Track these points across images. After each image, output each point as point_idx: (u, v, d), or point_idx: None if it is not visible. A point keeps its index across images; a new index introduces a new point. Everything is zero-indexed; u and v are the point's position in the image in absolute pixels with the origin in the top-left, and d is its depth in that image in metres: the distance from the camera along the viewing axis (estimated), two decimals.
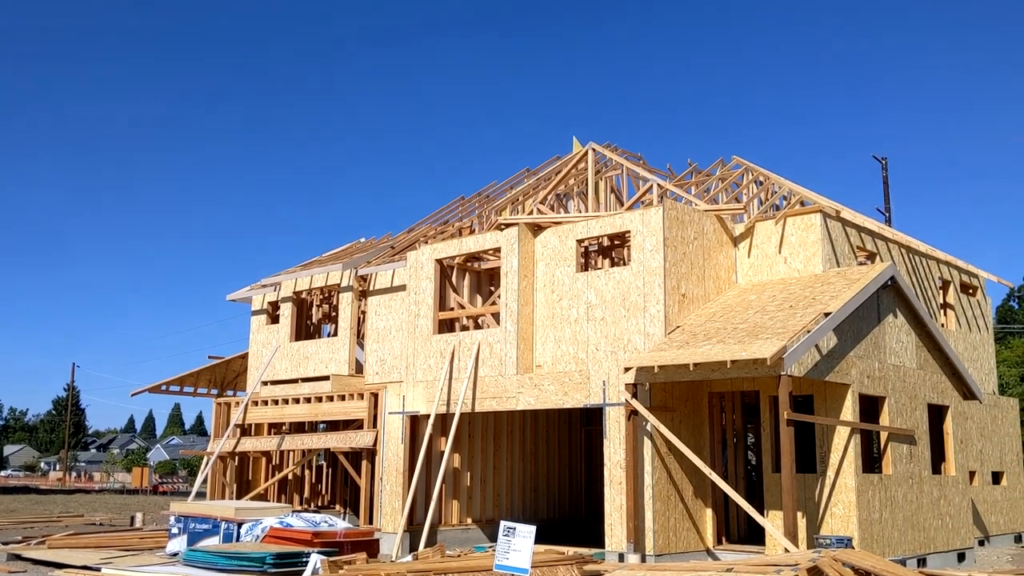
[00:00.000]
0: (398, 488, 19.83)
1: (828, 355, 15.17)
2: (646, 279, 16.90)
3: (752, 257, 18.55)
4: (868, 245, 19.14)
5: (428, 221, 23.86)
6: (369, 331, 21.68)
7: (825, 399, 15.79)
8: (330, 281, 22.50)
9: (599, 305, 17.52)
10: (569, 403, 17.52)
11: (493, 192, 23.84)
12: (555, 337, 18.13)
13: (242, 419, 23.25)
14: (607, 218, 18.02)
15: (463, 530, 20.62)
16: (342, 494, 24.71)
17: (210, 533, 16.81)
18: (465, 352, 19.25)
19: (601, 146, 21.65)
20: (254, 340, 24.35)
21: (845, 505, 15.19)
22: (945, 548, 17.49)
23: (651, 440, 16.09)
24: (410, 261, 20.66)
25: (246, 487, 24.33)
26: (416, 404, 19.96)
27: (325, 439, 21.94)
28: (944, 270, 22.23)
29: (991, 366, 24.13)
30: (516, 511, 22.15)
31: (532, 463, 23.14)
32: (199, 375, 27.23)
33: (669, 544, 16.04)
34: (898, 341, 17.29)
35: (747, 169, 21.56)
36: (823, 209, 17.88)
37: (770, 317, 15.57)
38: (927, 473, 17.38)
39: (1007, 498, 22.96)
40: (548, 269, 18.57)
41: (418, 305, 20.32)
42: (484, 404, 18.78)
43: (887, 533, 15.79)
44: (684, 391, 16.93)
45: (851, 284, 16.02)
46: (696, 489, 16.81)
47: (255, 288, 24.59)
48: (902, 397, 16.96)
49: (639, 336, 16.78)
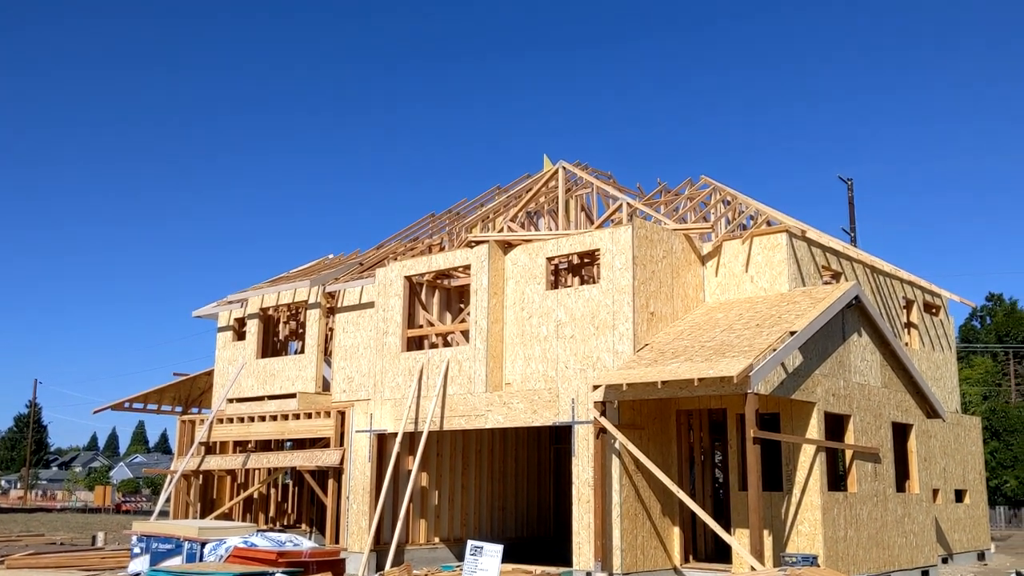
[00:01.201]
0: (365, 507, 19.67)
1: (794, 373, 15.30)
2: (615, 297, 16.97)
3: (719, 276, 18.69)
4: (833, 264, 19.37)
5: (397, 238, 23.81)
6: (337, 348, 21.55)
7: (791, 417, 15.91)
8: (297, 298, 22.35)
9: (569, 323, 17.55)
10: (538, 421, 17.50)
11: (463, 209, 23.86)
12: (525, 355, 18.13)
13: (207, 437, 22.98)
14: (577, 236, 18.09)
15: (430, 549, 20.48)
16: (308, 513, 24.47)
17: (173, 553, 16.55)
18: (434, 370, 19.18)
19: (571, 164, 21.77)
20: (220, 357, 24.12)
21: (811, 523, 15.28)
22: (909, 566, 17.64)
23: (619, 458, 16.10)
24: (379, 278, 20.59)
25: (210, 506, 24.01)
26: (384, 422, 19.84)
27: (291, 457, 21.72)
28: (908, 290, 22.53)
29: (954, 385, 24.46)
30: (484, 530, 22.04)
31: (500, 481, 23.06)
32: (164, 392, 26.90)
33: (636, 562, 16.03)
34: (863, 360, 17.48)
35: (715, 189, 21.77)
36: (789, 229, 18.08)
37: (737, 335, 15.68)
38: (891, 491, 17.54)
39: (970, 516, 23.22)
40: (518, 287, 18.58)
41: (386, 322, 20.23)
42: (453, 422, 18.71)
43: (852, 551, 15.89)
44: (652, 409, 16.98)
45: (816, 303, 16.18)
46: (664, 507, 16.83)
47: (221, 304, 24.38)
48: (867, 415, 17.12)
49: (608, 354, 16.82)
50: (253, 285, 24.49)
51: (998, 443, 44.40)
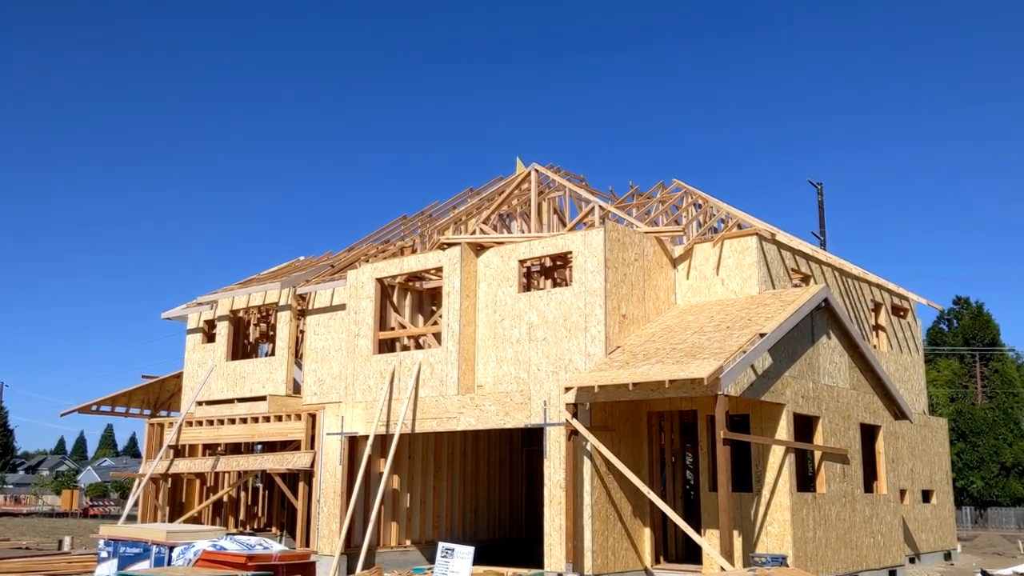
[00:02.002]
0: (336, 510, 19.58)
1: (764, 375, 15.42)
2: (587, 300, 17.02)
3: (691, 278, 18.80)
4: (803, 267, 19.55)
5: (369, 240, 23.75)
6: (308, 351, 21.44)
7: (761, 419, 16.03)
8: (268, 300, 22.21)
9: (541, 325, 17.58)
10: (510, 423, 17.51)
11: (436, 212, 23.83)
12: (497, 357, 18.13)
13: (176, 440, 22.77)
14: (549, 239, 18.13)
15: (402, 552, 20.42)
16: (279, 516, 24.32)
17: (141, 557, 16.37)
18: (406, 372, 19.14)
19: (544, 167, 21.81)
20: (189, 359, 23.91)
21: (780, 523, 15.40)
22: (877, 566, 17.82)
23: (591, 460, 16.15)
24: (350, 280, 20.52)
25: (179, 510, 23.79)
26: (355, 425, 19.77)
27: (261, 460, 21.57)
28: (876, 293, 22.79)
29: (921, 387, 24.76)
30: (456, 532, 22.01)
31: (472, 484, 23.04)
32: (132, 395, 26.62)
33: (608, 563, 16.08)
34: (831, 362, 17.65)
35: (686, 192, 21.90)
36: (759, 232, 18.23)
37: (707, 338, 15.78)
38: (859, 492, 17.72)
39: (936, 516, 23.51)
40: (490, 289, 18.59)
41: (358, 325, 20.16)
42: (424, 425, 18.68)
43: (821, 551, 16.04)
44: (624, 411, 17.04)
45: (786, 306, 16.33)
46: (635, 508, 16.90)
47: (191, 306, 24.17)
48: (835, 417, 17.29)
49: (580, 356, 16.86)
50: (223, 287, 24.31)
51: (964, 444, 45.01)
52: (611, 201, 22.28)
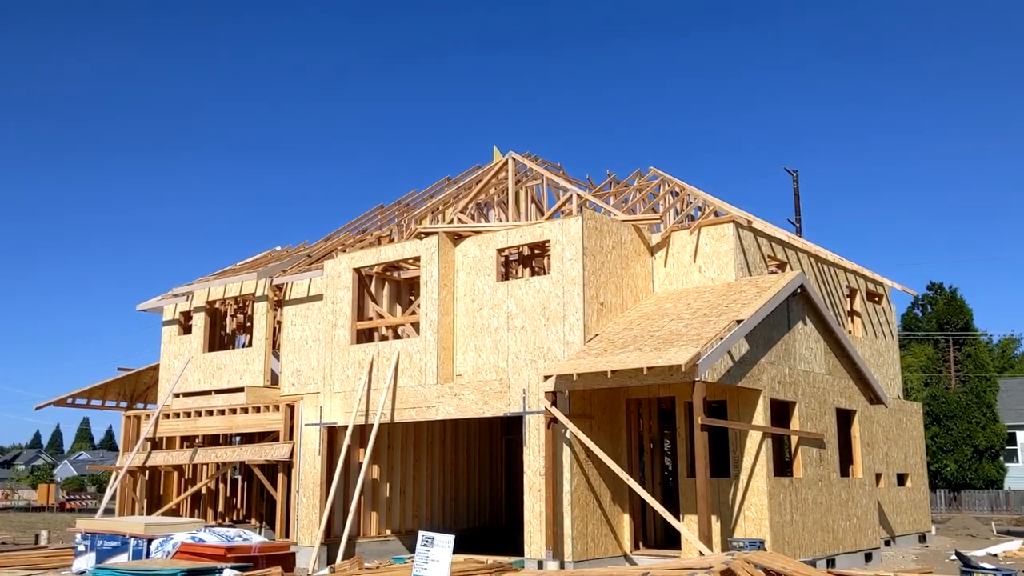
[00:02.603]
0: (315, 500, 19.55)
1: (740, 361, 15.53)
2: (565, 288, 17.05)
3: (668, 266, 18.88)
4: (779, 254, 19.68)
5: (346, 230, 23.64)
6: (285, 342, 21.35)
7: (738, 404, 16.15)
8: (244, 290, 22.08)
9: (519, 314, 17.60)
10: (489, 412, 17.53)
11: (413, 201, 23.76)
12: (475, 346, 18.14)
13: (153, 432, 22.63)
14: (527, 227, 18.14)
15: (382, 542, 20.43)
16: (258, 508, 24.25)
17: (119, 550, 16.30)
18: (384, 362, 19.11)
19: (521, 156, 21.79)
20: (166, 351, 23.75)
21: (758, 508, 15.54)
22: (853, 548, 18.04)
23: (570, 447, 16.21)
24: (327, 270, 20.44)
25: (157, 502, 23.66)
26: (334, 415, 19.72)
27: (240, 452, 21.49)
28: (851, 279, 22.98)
29: (896, 371, 25.02)
30: (436, 521, 22.04)
31: (452, 473, 23.07)
32: (108, 387, 26.41)
33: (587, 550, 16.16)
34: (807, 348, 17.80)
35: (664, 180, 21.96)
36: (736, 219, 18.32)
37: (685, 325, 15.87)
38: (836, 476, 17.90)
39: (911, 499, 23.80)
40: (468, 278, 18.58)
41: (335, 315, 20.10)
42: (404, 414, 18.67)
43: (798, 535, 16.20)
44: (602, 398, 17.11)
45: (762, 292, 16.43)
46: (614, 495, 16.99)
47: (167, 297, 23.99)
48: (812, 402, 17.45)
49: (559, 345, 16.90)
50: (199, 278, 24.15)
51: (939, 428, 45.54)
52: (589, 189, 22.29)
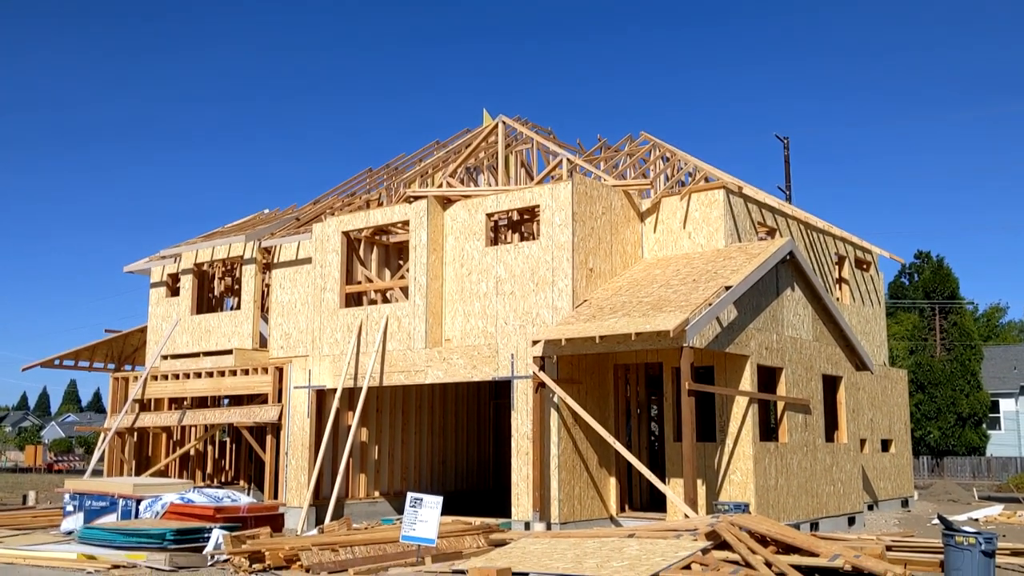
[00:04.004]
0: (304, 463, 19.63)
1: (728, 327, 15.59)
2: (555, 253, 17.04)
3: (658, 232, 18.87)
4: (768, 221, 19.69)
5: (335, 193, 23.52)
6: (274, 305, 21.31)
7: (725, 370, 16.24)
8: (232, 253, 21.98)
9: (508, 279, 17.59)
10: (478, 376, 17.59)
11: (402, 164, 23.63)
12: (464, 311, 18.14)
13: (141, 394, 22.62)
14: (517, 192, 18.07)
15: (370, 503, 20.56)
16: (246, 470, 24.34)
17: (107, 511, 16.36)
18: (373, 326, 19.11)
19: (511, 120, 21.66)
20: (153, 313, 23.68)
21: (743, 472, 15.69)
22: (837, 512, 18.26)
23: (558, 411, 16.29)
24: (316, 233, 20.35)
25: (146, 464, 23.72)
26: (322, 378, 19.75)
27: (228, 414, 21.53)
28: (840, 246, 23.04)
29: (882, 339, 25.19)
30: (424, 484, 22.19)
31: (440, 436, 23.18)
32: (95, 349, 26.35)
33: (574, 512, 16.31)
34: (795, 314, 17.87)
35: (654, 145, 21.88)
36: (726, 185, 18.29)
37: (674, 291, 15.90)
38: (821, 441, 18.07)
39: (895, 465, 24.08)
40: (458, 243, 18.53)
41: (324, 278, 20.05)
42: (392, 378, 18.70)
43: (782, 499, 16.38)
44: (590, 364, 17.17)
45: (751, 259, 16.46)
46: (601, 459, 17.11)
47: (154, 259, 23.87)
48: (798, 368, 17.56)
49: (547, 310, 16.92)
50: (186, 240, 24.02)
51: (923, 395, 45.96)
52: (579, 154, 22.20)
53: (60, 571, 12.80)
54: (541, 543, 12.67)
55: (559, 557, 11.70)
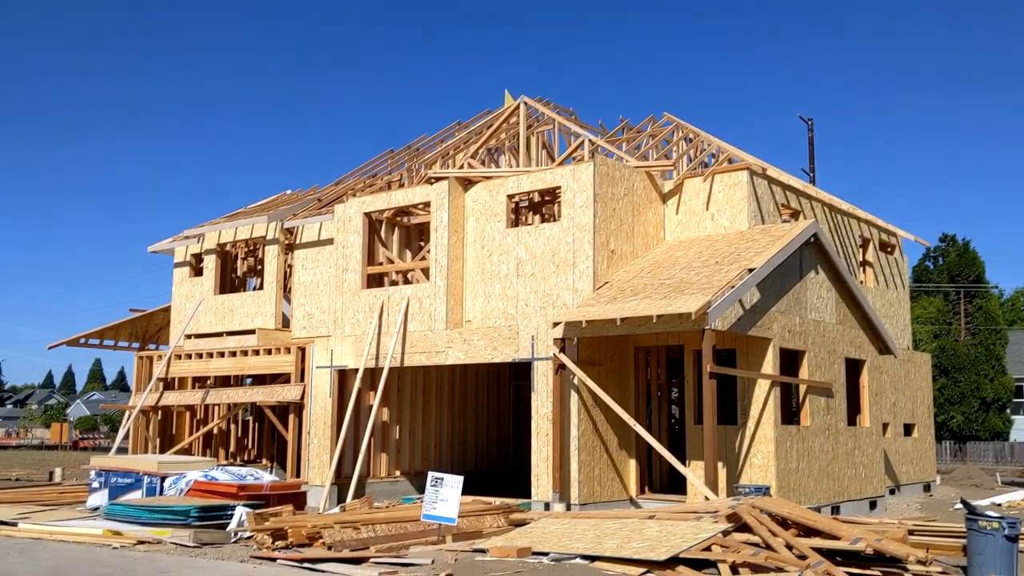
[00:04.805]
0: (326, 441, 19.76)
1: (751, 310, 15.50)
2: (576, 235, 16.99)
3: (680, 214, 18.76)
4: (792, 203, 19.53)
5: (356, 174, 23.54)
6: (296, 285, 21.41)
7: (747, 353, 16.16)
8: (255, 233, 22.09)
9: (529, 261, 17.57)
10: (498, 358, 17.61)
11: (423, 145, 23.60)
12: (485, 292, 18.15)
13: (165, 373, 22.83)
14: (538, 173, 18.01)
15: (391, 482, 20.69)
16: (269, 449, 24.54)
17: (132, 487, 16.57)
18: (394, 307, 19.16)
19: (533, 100, 21.56)
20: (177, 293, 23.85)
21: (764, 455, 15.64)
22: (858, 496, 18.19)
23: (578, 393, 16.30)
24: (338, 214, 20.40)
25: (170, 442, 23.97)
26: (344, 358, 19.84)
27: (251, 393, 21.70)
28: (864, 228, 22.83)
29: (906, 322, 24.99)
30: (444, 464, 22.28)
31: (461, 417, 23.26)
32: (120, 328, 26.60)
33: (594, 493, 16.34)
34: (819, 297, 17.75)
35: (677, 126, 21.72)
36: (750, 167, 18.15)
37: (696, 273, 15.82)
38: (843, 425, 17.98)
39: (917, 449, 23.94)
40: (478, 224, 18.51)
41: (346, 259, 20.11)
42: (413, 359, 18.76)
43: (803, 482, 16.33)
44: (611, 346, 17.15)
45: (775, 241, 16.34)
46: (621, 441, 17.12)
47: (178, 240, 24.03)
48: (821, 351, 17.45)
49: (568, 292, 16.90)
50: (210, 220, 24.15)
51: (946, 380, 45.61)
52: (601, 135, 22.08)
53: (86, 546, 12.99)
54: (561, 523, 12.70)
55: (579, 537, 11.74)
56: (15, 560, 11.65)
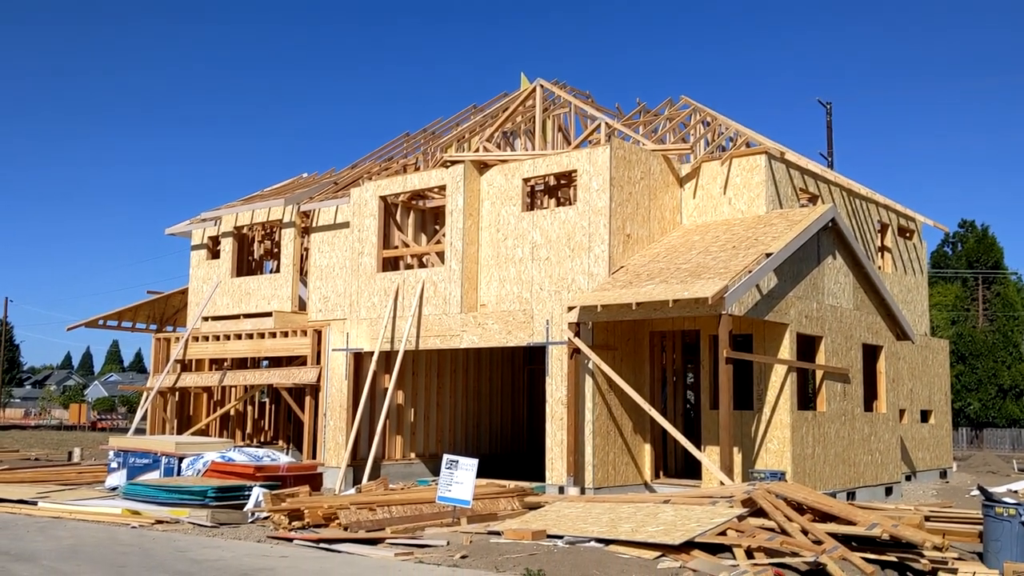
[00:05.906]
0: (342, 424, 19.86)
1: (768, 295, 15.43)
2: (591, 219, 16.93)
3: (697, 198, 18.67)
4: (811, 187, 19.39)
5: (372, 157, 23.53)
6: (312, 268, 21.46)
7: (764, 338, 16.10)
8: (272, 216, 22.14)
9: (544, 245, 17.53)
10: (512, 342, 17.62)
11: (439, 129, 23.55)
12: (499, 276, 18.14)
13: (182, 355, 22.97)
14: (554, 157, 17.95)
15: (406, 464, 20.79)
16: (285, 430, 24.69)
17: (150, 468, 16.71)
18: (409, 290, 19.19)
19: (549, 83, 21.46)
20: (194, 275, 23.96)
21: (780, 441, 15.61)
22: (874, 482, 18.13)
23: (592, 377, 16.29)
24: (353, 198, 20.41)
25: (187, 423, 24.14)
26: (360, 341, 19.91)
27: (268, 375, 21.81)
28: (883, 213, 22.66)
29: (924, 308, 24.82)
30: (459, 446, 22.36)
31: (475, 400, 23.33)
32: (137, 310, 26.78)
33: (608, 478, 16.36)
34: (836, 282, 17.64)
35: (695, 110, 21.57)
36: (768, 151, 18.02)
37: (713, 258, 15.75)
38: (859, 411, 17.90)
39: (934, 435, 23.83)
40: (493, 208, 18.49)
41: (362, 243, 20.13)
42: (428, 342, 18.80)
43: (819, 468, 16.29)
44: (626, 330, 17.12)
45: (793, 226, 16.24)
46: (635, 425, 17.12)
47: (195, 222, 24.11)
48: (838, 337, 17.36)
49: (583, 276, 16.86)
50: (227, 203, 24.22)
51: (964, 367, 45.35)
52: (617, 118, 21.96)
53: (105, 526, 13.12)
54: (575, 507, 12.73)
55: (593, 521, 11.76)
56: (36, 538, 11.79)
